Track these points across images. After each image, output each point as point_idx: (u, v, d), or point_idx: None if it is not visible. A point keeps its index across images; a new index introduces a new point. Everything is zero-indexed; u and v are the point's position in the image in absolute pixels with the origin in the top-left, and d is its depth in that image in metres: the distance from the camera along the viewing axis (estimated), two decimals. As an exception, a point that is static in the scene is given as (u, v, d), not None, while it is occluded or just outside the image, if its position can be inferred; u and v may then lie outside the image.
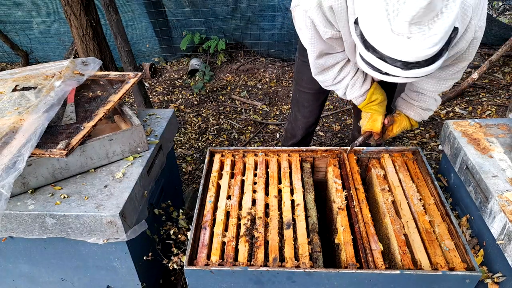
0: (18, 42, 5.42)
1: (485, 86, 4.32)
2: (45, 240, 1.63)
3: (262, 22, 5.06)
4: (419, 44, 1.12)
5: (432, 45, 1.13)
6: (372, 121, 1.87)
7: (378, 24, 1.16)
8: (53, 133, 1.63)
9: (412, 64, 1.19)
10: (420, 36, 1.11)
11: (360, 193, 1.66)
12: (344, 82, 1.81)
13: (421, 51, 1.14)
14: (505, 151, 1.69)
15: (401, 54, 1.17)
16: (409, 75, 1.23)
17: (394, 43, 1.15)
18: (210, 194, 1.69)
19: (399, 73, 1.23)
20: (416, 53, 1.15)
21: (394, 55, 1.18)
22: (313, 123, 2.33)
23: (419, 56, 1.16)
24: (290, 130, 2.45)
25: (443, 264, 1.35)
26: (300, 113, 2.30)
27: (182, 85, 4.95)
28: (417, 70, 1.21)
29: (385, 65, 1.23)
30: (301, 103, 2.27)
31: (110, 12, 3.07)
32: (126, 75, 2.00)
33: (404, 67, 1.20)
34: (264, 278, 1.36)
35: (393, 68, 1.22)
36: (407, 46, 1.14)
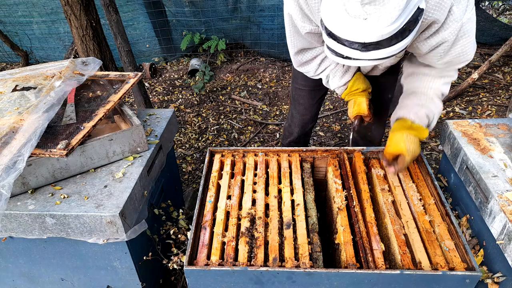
0: (18, 42, 5.42)
1: (485, 86, 4.32)
2: (45, 240, 1.63)
3: (262, 22, 5.07)
4: (373, 24, 1.12)
5: (387, 24, 1.11)
6: (357, 105, 1.86)
7: (334, 9, 1.16)
8: (53, 133, 1.63)
9: (371, 46, 1.18)
10: (374, 16, 1.11)
11: (365, 193, 1.66)
12: (325, 73, 1.85)
13: (377, 30, 1.13)
14: (505, 151, 1.69)
15: (356, 36, 1.16)
16: (369, 57, 1.21)
17: (350, 25, 1.15)
18: (210, 194, 1.69)
19: (358, 56, 1.21)
20: (371, 33, 1.14)
21: (350, 37, 1.17)
22: (309, 121, 2.32)
23: (375, 36, 1.14)
24: (287, 127, 2.46)
25: (443, 264, 1.35)
26: (296, 110, 2.31)
27: (182, 85, 4.95)
28: (377, 52, 1.19)
29: (344, 49, 1.22)
30: (297, 100, 2.28)
31: (110, 12, 3.07)
32: (126, 75, 2.00)
33: (363, 48, 1.19)
34: (264, 278, 1.36)
35: (352, 51, 1.21)
36: (363, 26, 1.13)
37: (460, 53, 1.49)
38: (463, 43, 1.45)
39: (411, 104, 1.66)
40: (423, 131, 1.61)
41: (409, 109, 1.65)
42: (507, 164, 1.61)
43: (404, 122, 1.63)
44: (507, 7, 6.23)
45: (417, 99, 1.66)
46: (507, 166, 1.60)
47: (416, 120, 1.61)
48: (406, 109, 1.66)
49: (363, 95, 1.84)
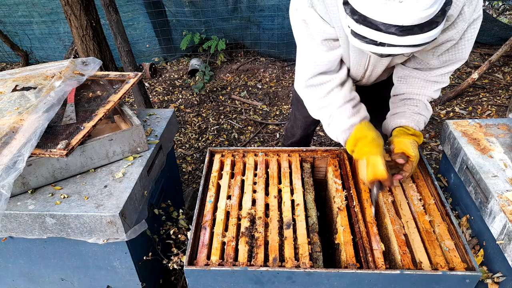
0: (18, 42, 5.42)
1: (485, 86, 4.32)
2: (45, 240, 1.63)
3: (262, 22, 5.07)
4: (412, 6, 1.10)
5: (426, 6, 1.10)
6: (372, 167, 1.50)
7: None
8: (53, 133, 1.63)
9: (408, 30, 1.15)
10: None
11: (365, 193, 1.66)
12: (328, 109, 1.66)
13: (415, 13, 1.11)
14: (505, 151, 1.69)
15: (395, 18, 1.13)
16: (405, 42, 1.18)
17: (386, 8, 1.12)
18: (210, 194, 1.69)
19: (394, 41, 1.18)
20: (410, 15, 1.12)
21: (388, 20, 1.14)
22: (312, 123, 2.31)
23: (414, 19, 1.12)
24: (289, 129, 2.45)
25: (443, 264, 1.35)
26: (299, 112, 2.29)
27: (182, 85, 4.95)
28: (413, 37, 1.17)
29: (379, 34, 1.18)
30: (300, 102, 2.24)
31: (110, 12, 3.07)
32: (126, 75, 2.00)
33: (400, 33, 1.15)
34: (264, 278, 1.36)
35: (388, 36, 1.17)
36: (400, 9, 1.11)
37: (458, 52, 1.51)
38: (464, 43, 1.46)
39: (409, 111, 1.68)
40: (421, 137, 1.67)
41: (409, 117, 1.67)
42: (507, 164, 1.61)
43: (407, 129, 1.64)
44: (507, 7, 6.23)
45: (414, 107, 1.68)
46: (507, 166, 1.60)
47: (417, 128, 1.65)
48: (407, 118, 1.67)
49: (376, 151, 1.50)
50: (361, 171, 1.59)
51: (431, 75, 1.63)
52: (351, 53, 1.62)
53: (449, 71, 1.61)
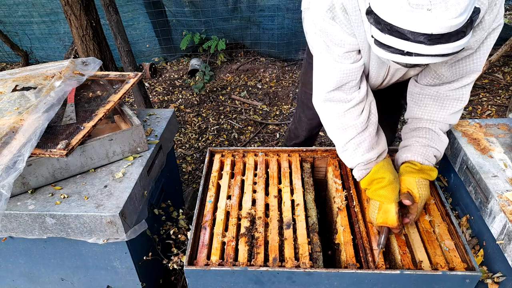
0: (18, 42, 5.42)
1: (485, 86, 4.32)
2: (45, 240, 1.63)
3: (262, 22, 5.07)
4: (441, 15, 1.06)
5: (456, 15, 1.06)
6: (383, 212, 1.45)
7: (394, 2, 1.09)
8: (53, 133, 1.63)
9: (437, 38, 1.10)
10: (441, 6, 1.05)
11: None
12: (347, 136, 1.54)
13: (444, 21, 1.07)
14: (505, 151, 1.69)
15: (424, 27, 1.09)
16: (434, 52, 1.13)
17: (414, 16, 1.08)
18: (210, 194, 1.69)
19: (423, 50, 1.13)
20: (440, 23, 1.07)
21: (416, 29, 1.10)
22: (317, 125, 2.29)
23: (444, 27, 1.08)
24: (293, 130, 2.43)
25: (443, 264, 1.35)
26: (304, 114, 2.27)
27: (182, 85, 4.95)
28: (442, 46, 1.12)
29: (406, 43, 1.13)
30: (306, 104, 2.22)
31: (110, 12, 3.07)
32: (126, 75, 2.00)
33: (428, 41, 1.11)
34: (264, 278, 1.36)
35: (416, 45, 1.12)
36: (429, 17, 1.07)
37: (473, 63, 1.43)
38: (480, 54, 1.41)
39: (417, 144, 1.55)
40: (433, 172, 1.51)
41: (416, 151, 1.54)
42: (507, 164, 1.61)
43: (414, 165, 1.52)
44: (507, 7, 6.23)
45: (422, 139, 1.54)
46: (507, 166, 1.60)
47: (425, 162, 1.52)
48: (413, 152, 1.54)
49: (392, 198, 1.44)
50: (371, 212, 1.51)
51: (443, 90, 1.51)
52: (371, 64, 1.55)
53: (462, 85, 1.49)
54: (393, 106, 2.07)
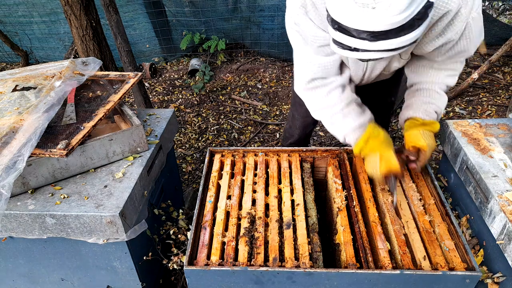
0: (18, 42, 5.42)
1: (485, 86, 4.32)
2: (45, 240, 1.63)
3: (262, 22, 5.07)
4: (383, 12, 1.10)
5: (397, 12, 1.10)
6: (385, 161, 1.55)
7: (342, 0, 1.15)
8: (53, 133, 1.63)
9: (379, 35, 1.15)
10: (384, 4, 1.09)
11: (367, 192, 1.66)
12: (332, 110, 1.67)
13: (386, 18, 1.11)
14: (505, 151, 1.69)
15: (365, 24, 1.13)
16: (377, 48, 1.18)
17: (358, 14, 1.13)
18: (210, 194, 1.69)
19: (367, 46, 1.18)
20: (381, 21, 1.11)
21: (358, 26, 1.15)
22: (310, 123, 2.30)
23: (385, 24, 1.12)
24: (288, 129, 2.44)
25: (443, 264, 1.35)
26: (297, 112, 2.29)
27: (182, 85, 4.95)
28: (386, 42, 1.16)
29: (352, 40, 1.19)
30: (298, 102, 2.24)
31: (110, 12, 3.07)
32: (126, 75, 2.00)
33: (371, 38, 1.16)
34: (264, 278, 1.36)
35: (360, 41, 1.18)
36: (371, 15, 1.11)
37: (461, 51, 1.50)
38: (464, 41, 1.45)
39: (419, 102, 1.67)
40: (435, 124, 1.65)
41: (417, 107, 1.66)
42: (507, 164, 1.61)
43: (416, 120, 1.65)
44: (507, 7, 6.23)
45: (423, 97, 1.66)
46: (507, 166, 1.60)
47: (426, 117, 1.64)
48: (415, 109, 1.66)
49: (388, 147, 1.57)
50: (371, 166, 1.60)
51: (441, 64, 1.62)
52: (349, 58, 1.62)
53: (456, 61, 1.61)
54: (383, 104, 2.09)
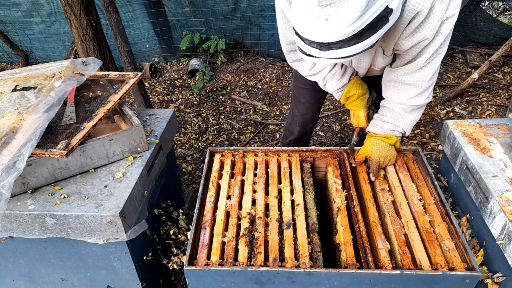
0: (18, 42, 5.42)
1: (485, 86, 4.32)
2: (45, 240, 1.63)
3: (262, 22, 5.07)
4: (332, 25, 1.13)
5: (345, 25, 1.12)
6: (356, 117, 1.92)
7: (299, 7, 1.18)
8: (53, 133, 1.63)
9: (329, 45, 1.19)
10: (334, 16, 1.12)
11: (367, 192, 1.66)
12: (321, 75, 1.86)
13: (333, 31, 1.14)
14: (505, 151, 1.69)
15: (314, 35, 1.17)
16: (328, 56, 1.23)
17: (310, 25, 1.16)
18: (210, 194, 1.69)
19: (318, 54, 1.23)
20: (328, 33, 1.15)
21: (308, 36, 1.19)
22: (310, 120, 2.32)
23: (334, 36, 1.15)
24: (288, 127, 2.46)
25: (443, 264, 1.35)
26: (296, 109, 2.31)
27: (182, 85, 4.95)
28: (335, 51, 1.20)
29: (305, 47, 1.24)
30: (297, 99, 2.27)
31: (110, 12, 3.07)
32: (126, 75, 2.00)
33: (322, 47, 1.20)
34: (264, 278, 1.36)
35: (312, 49, 1.23)
36: (321, 27, 1.14)
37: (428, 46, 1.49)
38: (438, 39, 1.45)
39: (377, 119, 1.81)
40: (390, 138, 1.76)
41: (375, 124, 1.81)
42: (507, 164, 1.61)
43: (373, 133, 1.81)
44: (507, 7, 6.23)
45: (384, 116, 1.78)
46: (507, 166, 1.60)
47: (380, 133, 1.78)
48: (372, 124, 1.83)
49: (361, 105, 1.88)
50: (351, 118, 2.00)
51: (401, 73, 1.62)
52: None
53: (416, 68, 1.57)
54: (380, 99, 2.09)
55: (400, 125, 1.75)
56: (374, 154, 1.74)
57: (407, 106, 1.71)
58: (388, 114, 1.77)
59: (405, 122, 1.75)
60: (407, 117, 1.74)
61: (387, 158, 1.74)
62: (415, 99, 1.67)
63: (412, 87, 1.64)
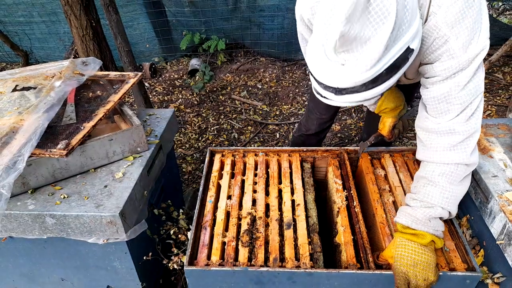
0: (18, 42, 5.42)
1: (485, 86, 4.32)
2: (45, 240, 1.63)
3: (262, 22, 5.07)
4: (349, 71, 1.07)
5: (362, 71, 1.05)
6: (382, 123, 1.87)
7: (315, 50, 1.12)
8: (53, 133, 1.63)
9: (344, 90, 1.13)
10: (352, 62, 1.05)
11: (375, 193, 1.65)
12: None
13: (350, 77, 1.08)
14: (505, 151, 1.69)
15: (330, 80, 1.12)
16: (343, 101, 1.18)
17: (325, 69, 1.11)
18: (210, 194, 1.68)
19: (333, 98, 1.18)
20: (345, 79, 1.09)
21: (324, 81, 1.14)
22: (327, 120, 2.34)
23: (349, 83, 1.10)
24: (304, 123, 2.46)
25: (443, 265, 1.35)
26: (316, 109, 2.31)
27: (182, 85, 4.95)
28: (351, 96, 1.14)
29: (321, 89, 1.20)
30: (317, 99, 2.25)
31: (110, 12, 3.07)
32: (126, 75, 2.00)
33: (337, 92, 1.15)
34: (265, 279, 1.36)
35: (327, 93, 1.18)
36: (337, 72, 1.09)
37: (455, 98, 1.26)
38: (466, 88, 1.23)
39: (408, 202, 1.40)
40: (422, 235, 1.30)
41: (402, 211, 1.39)
42: (507, 164, 1.61)
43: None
44: (507, 7, 6.23)
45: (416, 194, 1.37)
46: (507, 166, 1.60)
47: (412, 225, 1.32)
48: (401, 211, 1.39)
49: (391, 115, 1.79)
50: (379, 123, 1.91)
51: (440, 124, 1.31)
52: None
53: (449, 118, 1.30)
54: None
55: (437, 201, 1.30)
56: (397, 262, 1.28)
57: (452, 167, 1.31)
58: (421, 190, 1.33)
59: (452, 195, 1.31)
60: (452, 189, 1.31)
61: (418, 267, 1.26)
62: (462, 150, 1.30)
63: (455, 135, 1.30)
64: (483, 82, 1.27)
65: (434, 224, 1.30)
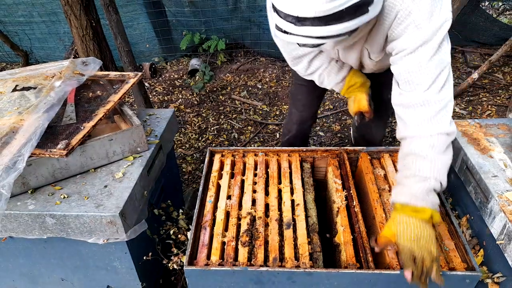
0: (18, 42, 5.42)
1: (485, 86, 4.32)
2: (45, 240, 1.63)
3: (262, 22, 5.07)
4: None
5: (324, 1, 1.08)
6: (357, 101, 1.88)
7: None
8: (53, 133, 1.63)
9: (304, 21, 1.13)
10: None
11: (374, 193, 1.65)
12: (317, 73, 1.86)
13: (311, 6, 1.09)
14: (505, 151, 1.69)
15: (291, 8, 1.13)
16: (303, 33, 1.17)
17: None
18: (210, 194, 1.69)
19: (292, 30, 1.18)
20: (306, 8, 1.10)
21: (285, 9, 1.15)
22: (307, 118, 2.31)
23: (310, 12, 1.10)
24: (286, 125, 2.46)
25: (443, 264, 1.35)
26: (294, 106, 2.32)
27: (182, 85, 4.95)
28: (310, 28, 1.14)
29: (281, 22, 1.19)
30: (295, 96, 2.28)
31: (110, 12, 3.07)
32: (126, 75, 2.00)
33: (296, 22, 1.15)
34: (264, 278, 1.36)
35: (287, 24, 1.18)
36: (299, 0, 1.10)
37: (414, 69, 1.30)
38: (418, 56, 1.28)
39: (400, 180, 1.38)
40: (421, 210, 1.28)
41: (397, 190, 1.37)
42: (507, 164, 1.61)
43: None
44: (507, 7, 6.23)
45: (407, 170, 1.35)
46: (507, 166, 1.60)
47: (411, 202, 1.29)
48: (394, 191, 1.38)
49: (363, 90, 1.86)
50: (349, 106, 1.97)
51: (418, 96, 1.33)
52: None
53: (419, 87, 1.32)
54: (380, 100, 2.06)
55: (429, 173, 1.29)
56: (401, 239, 1.27)
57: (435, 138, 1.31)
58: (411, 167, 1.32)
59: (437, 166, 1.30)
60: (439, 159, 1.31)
61: (422, 241, 1.24)
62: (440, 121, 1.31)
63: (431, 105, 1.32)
64: (449, 54, 1.32)
65: (431, 198, 1.30)
